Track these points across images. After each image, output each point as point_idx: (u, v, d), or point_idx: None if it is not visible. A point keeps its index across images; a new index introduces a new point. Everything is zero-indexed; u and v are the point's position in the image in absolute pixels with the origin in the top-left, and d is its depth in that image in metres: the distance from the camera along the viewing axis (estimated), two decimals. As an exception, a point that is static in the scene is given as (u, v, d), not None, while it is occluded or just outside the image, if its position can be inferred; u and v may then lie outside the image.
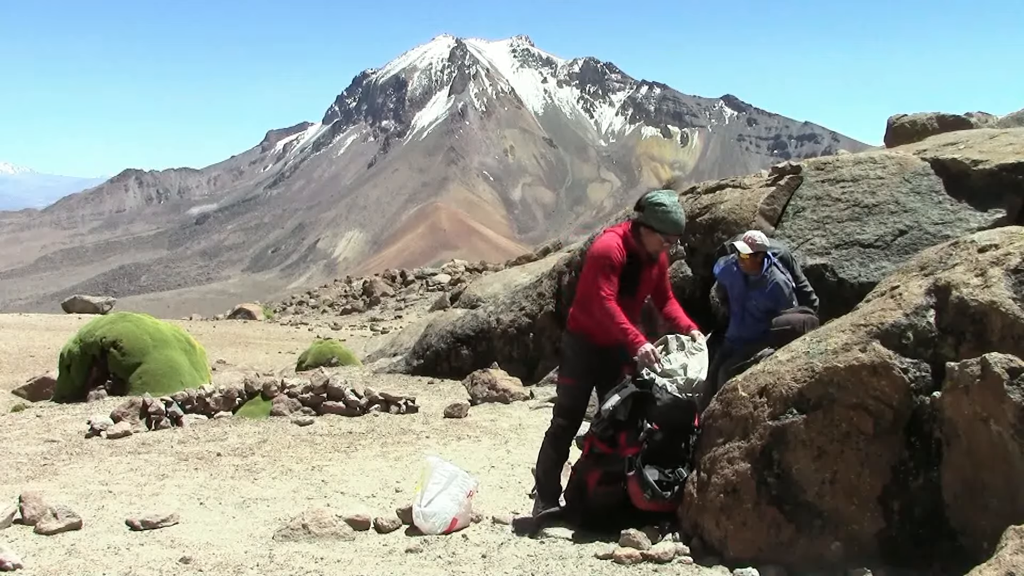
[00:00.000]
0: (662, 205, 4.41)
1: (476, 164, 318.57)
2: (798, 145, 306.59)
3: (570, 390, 4.68)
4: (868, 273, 6.87)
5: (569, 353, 4.70)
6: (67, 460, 6.14)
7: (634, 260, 4.51)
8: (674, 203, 4.45)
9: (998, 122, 10.44)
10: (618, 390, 4.35)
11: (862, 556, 3.50)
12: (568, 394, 4.70)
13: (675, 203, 4.46)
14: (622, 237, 4.53)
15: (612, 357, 4.55)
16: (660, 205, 4.41)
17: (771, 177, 8.47)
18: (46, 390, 9.77)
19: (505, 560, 3.95)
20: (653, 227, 4.43)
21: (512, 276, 14.88)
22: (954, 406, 3.41)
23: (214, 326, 23.53)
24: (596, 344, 4.56)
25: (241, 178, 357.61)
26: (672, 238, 4.54)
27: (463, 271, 30.10)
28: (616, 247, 4.48)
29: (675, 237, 4.59)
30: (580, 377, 4.64)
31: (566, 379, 4.71)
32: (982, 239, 3.87)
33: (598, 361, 4.58)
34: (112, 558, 3.91)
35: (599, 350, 4.56)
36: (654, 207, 4.42)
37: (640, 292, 4.61)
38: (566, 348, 4.75)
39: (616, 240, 4.52)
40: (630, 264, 4.50)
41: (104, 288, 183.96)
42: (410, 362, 11.66)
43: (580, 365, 4.62)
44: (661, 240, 4.49)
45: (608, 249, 4.47)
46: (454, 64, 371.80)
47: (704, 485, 3.99)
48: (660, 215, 4.41)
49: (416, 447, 6.76)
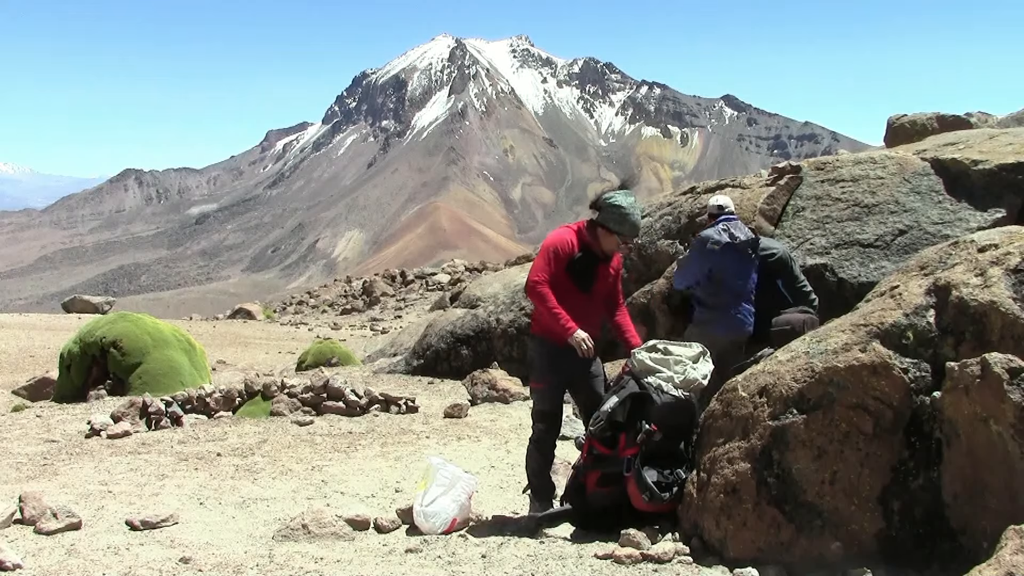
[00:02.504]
0: (619, 207, 4.42)
1: (476, 164, 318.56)
2: (798, 145, 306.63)
3: (543, 393, 4.67)
4: (868, 273, 6.87)
5: (535, 356, 4.70)
6: (67, 460, 6.14)
7: (588, 255, 4.51)
8: (632, 204, 4.46)
9: (998, 122, 10.45)
10: (616, 391, 4.35)
11: (862, 556, 3.50)
12: (542, 398, 4.68)
13: (633, 204, 4.47)
14: (575, 231, 4.55)
15: (573, 354, 4.49)
16: (618, 207, 4.43)
17: (771, 177, 8.47)
18: (46, 390, 9.77)
19: (505, 560, 3.95)
20: (610, 228, 4.44)
21: (512, 276, 14.86)
22: (954, 406, 3.41)
23: (214, 326, 23.52)
24: (553, 342, 4.53)
25: (241, 178, 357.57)
26: (629, 239, 4.55)
27: (463, 271, 30.09)
28: (566, 240, 4.50)
29: (632, 239, 4.60)
30: (550, 379, 4.62)
31: (537, 383, 4.71)
32: (982, 239, 3.87)
33: (564, 361, 4.54)
34: (112, 558, 3.92)
35: (558, 349, 4.52)
36: (612, 208, 4.44)
37: (596, 289, 4.59)
38: (531, 352, 4.76)
39: (568, 233, 4.55)
40: (584, 258, 4.50)
41: (104, 288, 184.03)
42: (410, 362, 11.66)
43: (547, 367, 4.60)
44: (618, 241, 4.50)
45: (558, 237, 4.52)
46: (454, 64, 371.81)
47: (704, 485, 3.99)
48: (618, 216, 4.42)
49: (416, 447, 6.76)
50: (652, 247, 8.76)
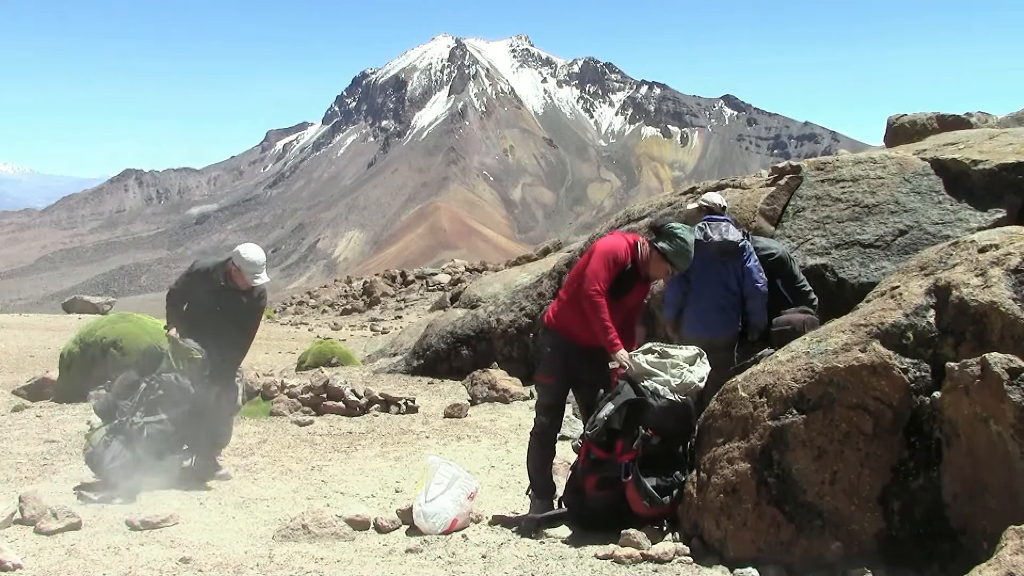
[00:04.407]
0: (683, 240, 4.56)
1: (476, 164, 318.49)
2: (798, 145, 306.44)
3: (549, 388, 4.75)
4: (868, 273, 6.86)
5: (547, 350, 4.77)
6: (67, 460, 6.14)
7: (634, 268, 4.63)
8: (692, 241, 4.62)
9: (998, 122, 10.44)
10: (611, 398, 4.33)
11: (862, 556, 3.50)
12: (547, 392, 4.76)
13: (692, 242, 4.63)
14: (630, 245, 4.66)
15: (589, 356, 4.60)
16: (681, 239, 4.56)
17: (771, 177, 8.47)
18: (46, 390, 9.75)
19: (505, 560, 3.95)
20: (666, 255, 4.56)
21: (512, 276, 14.86)
22: (954, 406, 3.41)
23: (214, 326, 23.48)
24: (572, 342, 4.62)
25: (241, 178, 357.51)
26: (675, 272, 4.74)
27: (463, 271, 30.06)
28: (624, 248, 4.62)
29: (677, 272, 4.78)
30: (558, 375, 4.70)
31: (544, 377, 4.79)
32: (982, 239, 3.88)
33: (575, 359, 4.63)
34: (112, 558, 3.92)
35: (576, 348, 4.61)
36: (674, 238, 4.56)
37: (627, 300, 4.67)
38: (543, 345, 4.82)
39: (624, 244, 4.65)
40: (631, 272, 4.61)
41: (104, 288, 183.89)
42: (410, 362, 11.66)
43: (557, 362, 4.68)
44: (668, 270, 4.66)
45: (616, 246, 4.62)
46: (454, 64, 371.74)
47: (704, 485, 3.99)
48: (677, 247, 4.55)
49: (416, 447, 6.76)
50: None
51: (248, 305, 5.89)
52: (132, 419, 5.37)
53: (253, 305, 5.93)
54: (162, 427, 5.44)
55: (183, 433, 5.56)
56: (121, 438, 5.29)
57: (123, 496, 5.04)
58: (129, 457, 5.23)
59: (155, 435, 5.39)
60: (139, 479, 5.20)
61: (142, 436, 5.33)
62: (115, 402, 5.54)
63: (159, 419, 5.44)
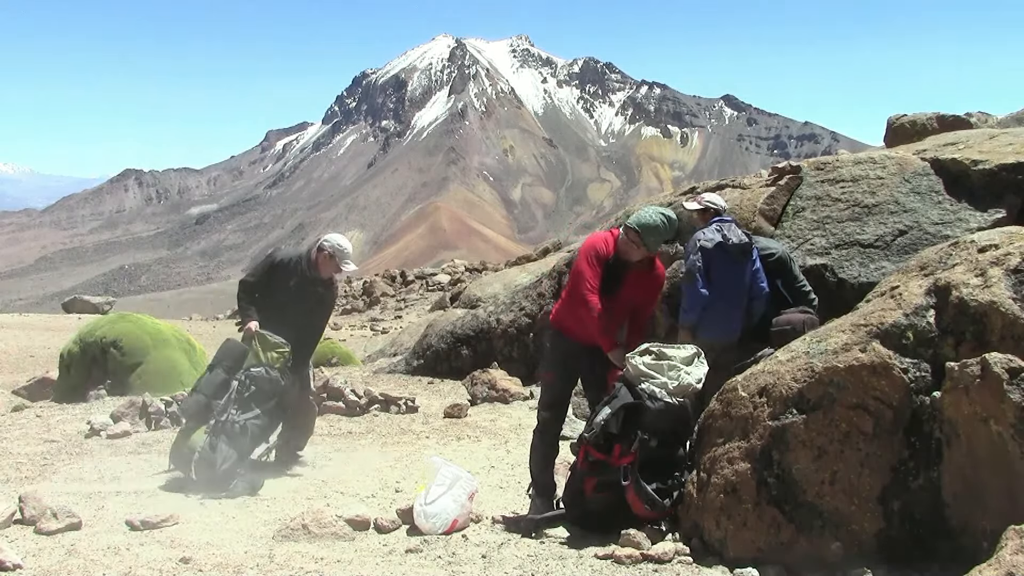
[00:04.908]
0: (651, 218, 4.53)
1: (476, 164, 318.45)
2: (798, 145, 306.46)
3: (551, 384, 4.82)
4: (868, 273, 6.86)
5: (548, 347, 4.87)
6: (67, 460, 6.14)
7: (620, 260, 4.62)
8: (661, 221, 4.53)
9: (998, 122, 10.44)
10: (608, 402, 4.32)
11: (862, 556, 3.50)
12: (549, 388, 4.83)
13: (662, 221, 4.53)
14: (613, 236, 4.68)
15: (589, 354, 4.64)
16: (649, 217, 4.53)
17: (771, 177, 8.47)
18: (46, 390, 9.76)
19: (505, 560, 3.95)
20: (638, 233, 4.53)
21: (512, 276, 14.86)
22: (954, 406, 3.41)
23: (214, 326, 23.51)
24: (572, 340, 4.67)
25: (241, 178, 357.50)
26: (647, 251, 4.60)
27: (463, 271, 30.05)
28: (603, 240, 4.64)
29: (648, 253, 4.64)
30: (559, 371, 4.77)
31: (546, 373, 4.89)
32: (982, 239, 3.88)
33: (575, 357, 4.67)
34: (112, 558, 3.91)
35: (576, 346, 4.66)
36: (643, 216, 4.55)
37: (622, 295, 4.64)
38: (546, 342, 4.94)
39: (606, 235, 4.69)
40: (613, 261, 4.61)
41: (104, 288, 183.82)
42: (410, 362, 11.66)
43: (558, 360, 4.75)
44: (642, 251, 4.58)
45: (595, 241, 4.66)
46: (454, 64, 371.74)
47: (704, 485, 3.99)
48: (645, 224, 4.52)
49: (416, 447, 6.77)
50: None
51: (324, 296, 6.05)
52: (230, 417, 5.45)
53: (329, 296, 6.12)
54: (259, 422, 5.56)
55: (274, 426, 5.70)
56: (223, 438, 5.38)
57: (243, 493, 5.15)
58: (236, 456, 5.35)
59: (254, 430, 5.52)
60: (255, 475, 5.34)
61: (246, 433, 5.44)
62: (208, 402, 5.58)
63: (255, 414, 5.54)
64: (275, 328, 5.78)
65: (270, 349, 5.70)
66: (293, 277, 5.85)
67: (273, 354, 5.69)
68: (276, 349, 5.70)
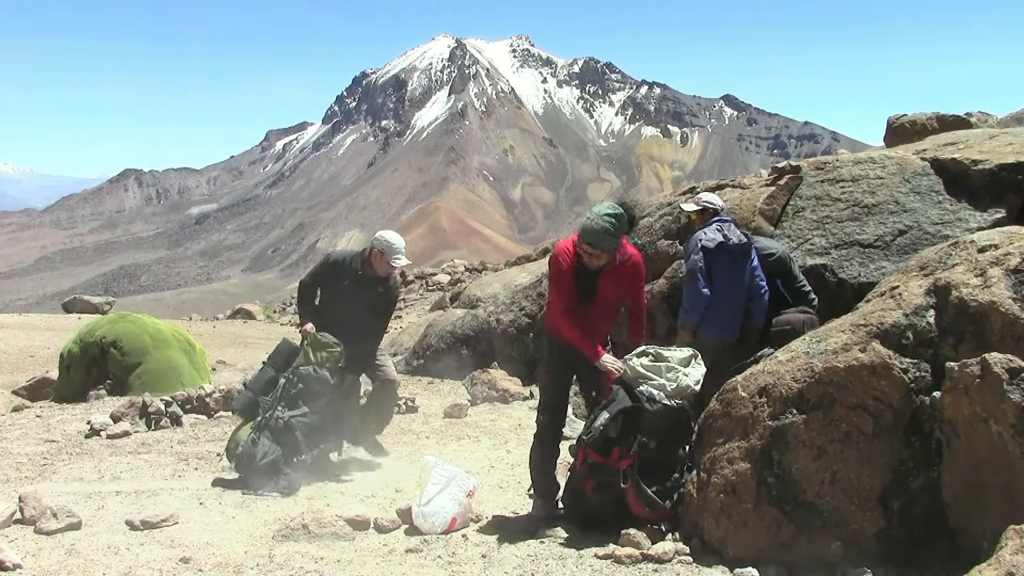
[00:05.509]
0: (591, 218, 4.38)
1: (476, 164, 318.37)
2: (798, 145, 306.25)
3: (549, 386, 4.80)
4: (868, 273, 6.86)
5: (545, 350, 4.86)
6: (67, 460, 6.14)
7: (580, 266, 4.49)
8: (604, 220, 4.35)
9: (998, 122, 10.44)
10: (606, 406, 4.31)
11: (862, 556, 3.50)
12: (547, 390, 4.81)
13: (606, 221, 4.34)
14: (572, 242, 4.53)
15: (582, 354, 4.58)
16: (591, 218, 4.38)
17: (771, 177, 8.47)
18: (46, 390, 9.76)
19: (505, 560, 3.95)
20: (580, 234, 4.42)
21: (512, 276, 14.86)
22: (954, 406, 3.42)
23: (214, 326, 23.50)
24: (564, 342, 4.62)
25: (241, 178, 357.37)
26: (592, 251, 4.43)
27: (463, 271, 30.02)
28: (562, 251, 4.52)
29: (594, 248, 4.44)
30: (556, 373, 4.75)
31: (544, 375, 4.87)
32: (982, 239, 3.88)
33: (571, 357, 4.64)
34: (112, 558, 3.92)
35: (569, 348, 4.60)
36: (587, 218, 4.42)
37: (601, 296, 4.54)
38: (544, 344, 4.91)
39: (566, 246, 4.54)
40: (578, 268, 4.49)
41: (104, 288, 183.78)
42: (410, 362, 11.66)
43: (555, 361, 4.73)
44: (588, 250, 4.40)
45: (556, 257, 4.55)
46: (454, 64, 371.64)
47: (704, 485, 4.00)
48: (585, 225, 4.39)
49: (416, 447, 6.77)
50: (652, 247, 8.75)
51: (383, 295, 6.16)
52: (276, 414, 5.54)
53: (388, 295, 6.22)
54: (306, 420, 5.61)
55: (327, 425, 5.75)
56: (267, 434, 5.47)
57: (282, 491, 5.20)
58: (279, 453, 5.40)
59: (301, 428, 5.56)
60: (297, 474, 5.39)
61: (291, 430, 5.51)
62: (255, 399, 5.69)
63: (302, 412, 5.61)
64: (335, 327, 5.90)
65: (320, 349, 5.82)
66: (346, 277, 6.01)
67: (323, 354, 5.80)
68: (326, 349, 5.81)
